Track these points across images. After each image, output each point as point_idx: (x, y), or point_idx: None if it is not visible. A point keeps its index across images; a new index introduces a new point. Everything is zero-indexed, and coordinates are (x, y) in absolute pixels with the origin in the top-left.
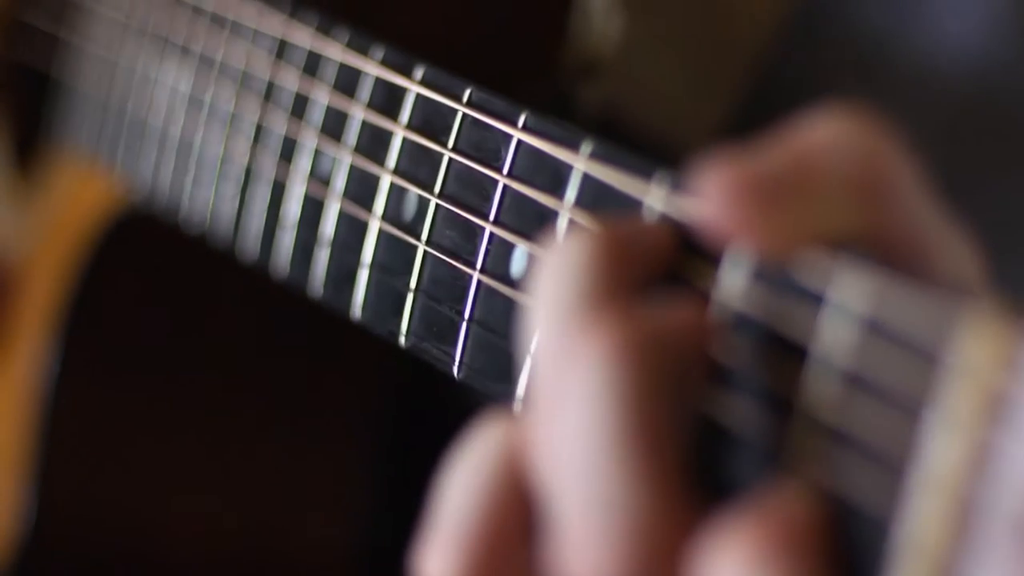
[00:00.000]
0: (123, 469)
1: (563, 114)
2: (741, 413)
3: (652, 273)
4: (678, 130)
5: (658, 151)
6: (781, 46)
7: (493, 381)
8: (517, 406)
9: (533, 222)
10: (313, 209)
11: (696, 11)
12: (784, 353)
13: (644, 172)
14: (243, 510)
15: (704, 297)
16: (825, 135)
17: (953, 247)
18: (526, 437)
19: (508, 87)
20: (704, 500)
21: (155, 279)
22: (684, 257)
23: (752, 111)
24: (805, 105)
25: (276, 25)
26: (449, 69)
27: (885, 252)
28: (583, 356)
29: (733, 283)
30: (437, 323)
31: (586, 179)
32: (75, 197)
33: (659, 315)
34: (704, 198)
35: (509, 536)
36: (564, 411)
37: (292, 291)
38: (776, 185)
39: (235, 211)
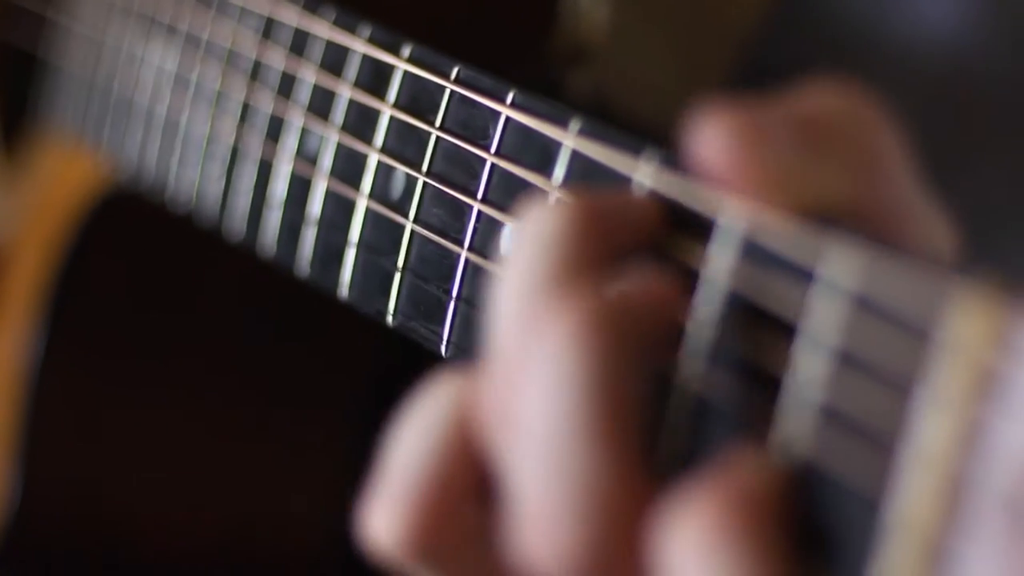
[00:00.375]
0: (108, 450)
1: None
2: (725, 389)
3: (633, 246)
4: (666, 116)
5: (647, 137)
6: (768, 31)
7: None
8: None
9: (522, 200)
10: (300, 188)
11: (681, 3)
12: (773, 330)
13: (633, 148)
14: (228, 492)
15: (692, 274)
16: (826, 100)
17: (930, 222)
18: (481, 399)
19: (495, 72)
20: (674, 474)
21: (141, 259)
22: (672, 233)
23: (740, 97)
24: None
25: (263, 3)
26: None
27: (870, 223)
28: (550, 327)
29: (722, 260)
30: (424, 302)
31: (575, 156)
32: (61, 177)
33: (631, 289)
34: (703, 140)
35: (456, 497)
36: (527, 382)
37: (279, 271)
38: (778, 133)
39: (222, 190)
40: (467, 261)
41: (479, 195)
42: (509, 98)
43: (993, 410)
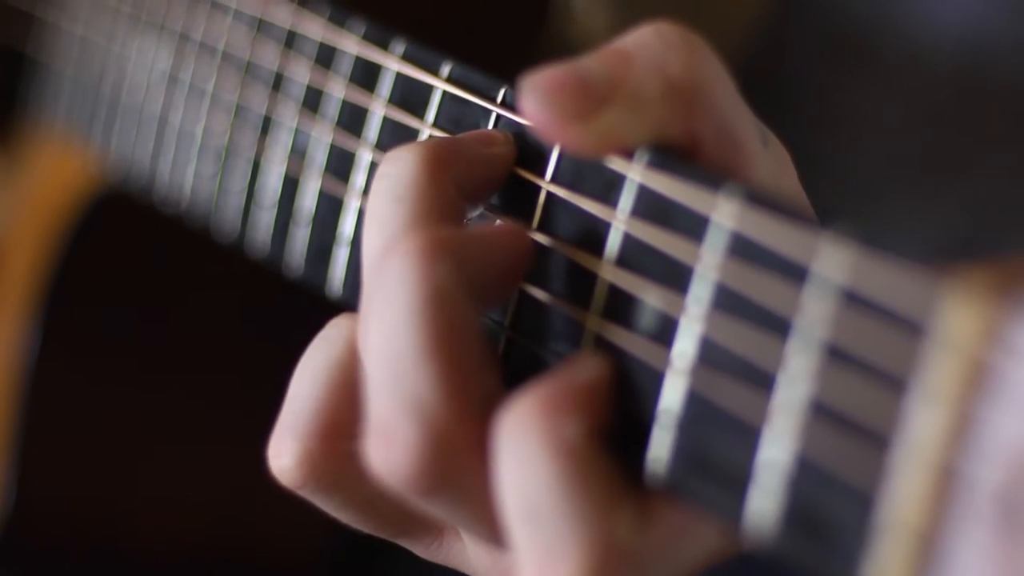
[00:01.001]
0: (103, 450)
1: None
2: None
3: (487, 180)
4: None
5: None
6: (767, 36)
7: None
8: None
9: (513, 197)
10: (291, 186)
11: (681, 4)
12: (765, 325)
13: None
14: (225, 493)
15: (685, 269)
16: (641, 41)
17: (771, 154)
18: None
19: (486, 70)
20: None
21: (134, 260)
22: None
23: (743, 91)
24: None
25: (256, 2)
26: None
27: (700, 154)
28: (390, 261)
29: (712, 255)
30: None
31: (564, 154)
32: (52, 176)
33: (472, 229)
34: (524, 101)
35: (345, 427)
36: (373, 310)
37: (269, 270)
38: (588, 86)
39: (215, 189)
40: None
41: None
42: (500, 95)
43: (986, 404)
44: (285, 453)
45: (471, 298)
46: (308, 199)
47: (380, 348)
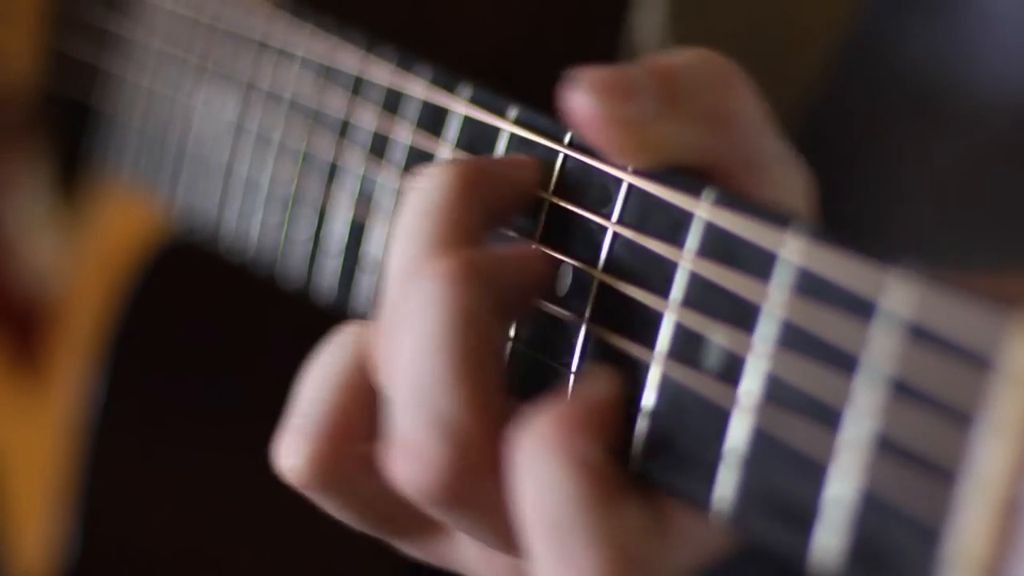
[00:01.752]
0: (168, 499)
1: None
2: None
3: (515, 203)
4: None
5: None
6: (831, 84)
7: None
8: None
9: (578, 238)
10: (358, 232)
11: (748, 46)
12: (833, 361)
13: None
14: (290, 549)
15: (752, 308)
16: (689, 62)
17: (789, 177)
18: (373, 344)
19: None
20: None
21: (200, 311)
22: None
23: (802, 149)
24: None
25: (323, 49)
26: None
27: (727, 174)
28: (422, 281)
29: (779, 293)
30: None
31: (631, 191)
32: (118, 227)
33: (498, 250)
34: (574, 95)
35: (353, 430)
36: (402, 327)
37: (336, 318)
38: (637, 90)
39: (281, 237)
40: (587, 333)
41: (538, 237)
42: (567, 138)
43: None
44: (294, 453)
45: (498, 319)
46: (375, 245)
47: (409, 366)
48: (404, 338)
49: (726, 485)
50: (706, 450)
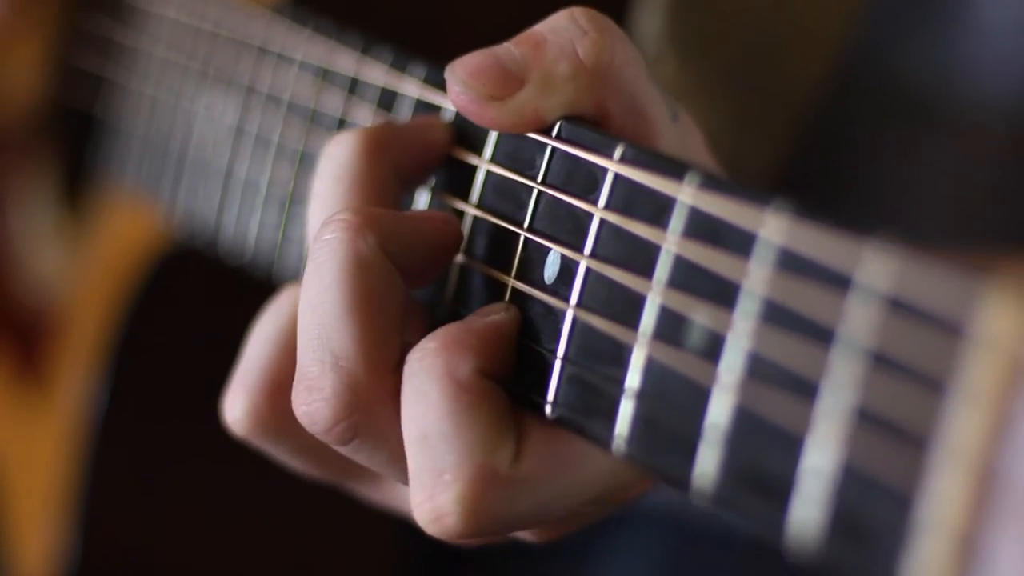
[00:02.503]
0: (170, 506)
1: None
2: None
3: (424, 162)
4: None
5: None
6: (830, 93)
7: (529, 390)
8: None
9: (565, 225)
10: None
11: (747, 57)
12: (810, 334)
13: (677, 169)
14: (294, 552)
15: (732, 286)
16: (554, 25)
17: (677, 128)
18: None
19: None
20: None
21: (202, 316)
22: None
23: (802, 156)
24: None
25: (320, 52)
26: None
27: (610, 127)
28: (324, 231)
29: (760, 271)
30: None
31: (618, 179)
32: (120, 236)
33: (402, 212)
34: (448, 85)
35: (286, 383)
36: (307, 273)
37: None
38: (503, 68)
39: (277, 238)
40: (574, 319)
41: (526, 224)
42: (556, 130)
43: None
44: (236, 406)
45: (393, 269)
46: None
47: (308, 307)
48: (308, 282)
49: (707, 462)
50: (687, 428)
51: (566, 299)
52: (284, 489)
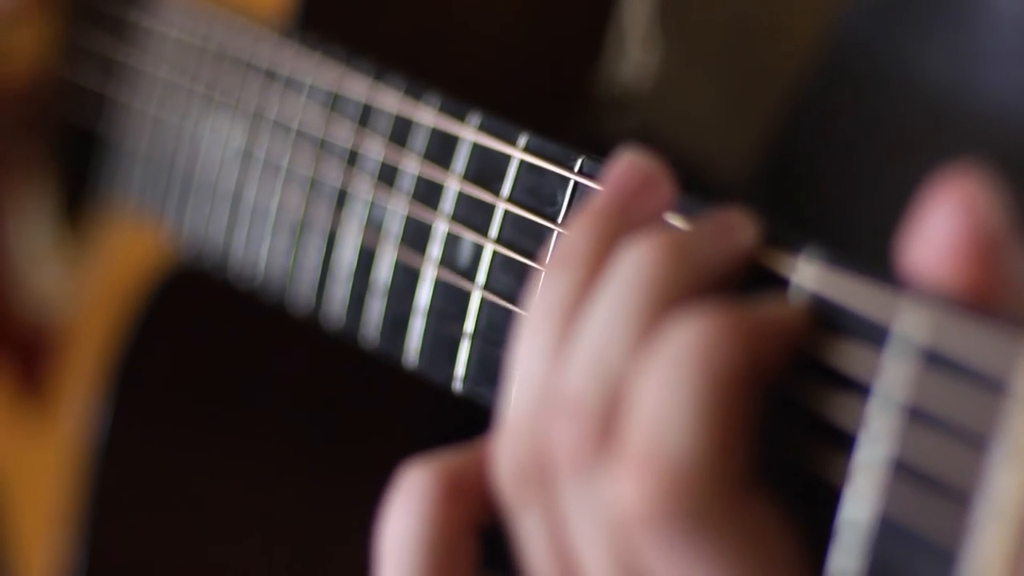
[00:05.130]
0: (174, 523)
1: (593, 144)
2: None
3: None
4: (712, 155)
5: (693, 177)
6: (815, 77)
7: None
8: None
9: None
10: (367, 258)
11: (733, 39)
12: (846, 387)
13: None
14: (296, 562)
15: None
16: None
17: None
18: (500, 449)
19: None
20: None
21: (206, 336)
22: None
23: (785, 140)
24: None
25: (331, 77)
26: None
27: None
28: (674, 334)
29: (793, 320)
30: (493, 367)
31: None
32: (123, 254)
33: (751, 311)
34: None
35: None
36: (652, 376)
37: (343, 342)
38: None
39: (290, 263)
40: None
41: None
42: (577, 165)
43: None
44: None
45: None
46: (384, 271)
47: (664, 411)
48: (653, 386)
49: None
50: None
51: None
52: (287, 506)
